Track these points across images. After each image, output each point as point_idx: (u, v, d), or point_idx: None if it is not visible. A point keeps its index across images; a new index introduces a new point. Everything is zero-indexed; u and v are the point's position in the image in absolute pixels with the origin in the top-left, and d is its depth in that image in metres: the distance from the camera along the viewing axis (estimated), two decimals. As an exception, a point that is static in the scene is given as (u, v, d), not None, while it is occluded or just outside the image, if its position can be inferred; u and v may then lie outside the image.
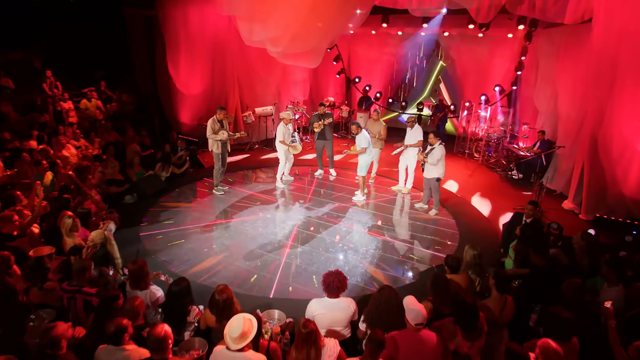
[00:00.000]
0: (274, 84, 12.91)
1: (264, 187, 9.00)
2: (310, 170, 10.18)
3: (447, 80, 13.82)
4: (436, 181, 7.66)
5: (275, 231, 7.06)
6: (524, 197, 9.07)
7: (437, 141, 7.49)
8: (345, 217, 7.71)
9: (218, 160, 8.41)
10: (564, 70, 9.27)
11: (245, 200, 8.28)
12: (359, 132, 8.05)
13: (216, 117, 8.22)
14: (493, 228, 7.49)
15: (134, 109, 12.80)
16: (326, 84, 14.52)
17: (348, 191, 8.92)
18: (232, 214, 7.69)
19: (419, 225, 7.51)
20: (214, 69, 11.60)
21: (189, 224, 7.21)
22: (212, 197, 8.43)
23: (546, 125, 10.12)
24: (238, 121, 12.13)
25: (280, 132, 8.66)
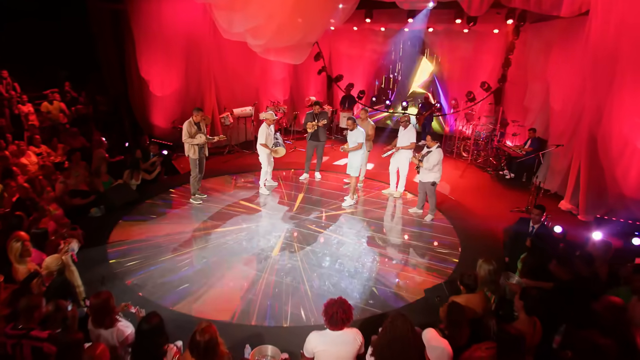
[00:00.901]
0: (252, 84, 12.18)
1: (246, 194, 8.28)
2: (293, 173, 9.51)
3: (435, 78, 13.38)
4: (431, 185, 7.13)
5: (261, 244, 6.36)
6: (518, 197, 8.69)
7: (435, 144, 6.96)
8: (336, 225, 7.08)
9: (195, 166, 7.65)
10: (556, 66, 8.91)
11: (226, 209, 7.54)
12: (354, 127, 7.44)
13: (192, 119, 7.46)
14: (493, 232, 7.00)
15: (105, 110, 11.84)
16: (307, 83, 13.85)
17: (336, 196, 8.30)
18: (212, 225, 6.94)
19: (415, 232, 6.95)
20: (189, 68, 10.79)
21: (164, 239, 6.43)
22: (189, 207, 7.65)
23: (536, 123, 9.76)
24: (215, 123, 11.35)
25: (263, 134, 7.96)
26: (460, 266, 5.88)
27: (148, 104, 10.93)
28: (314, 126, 8.55)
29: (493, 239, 6.77)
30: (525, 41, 10.32)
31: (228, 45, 11.10)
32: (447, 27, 11.70)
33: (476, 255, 6.20)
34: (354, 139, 7.48)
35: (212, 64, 11.02)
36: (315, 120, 8.58)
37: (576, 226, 7.20)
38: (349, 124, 7.43)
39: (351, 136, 7.52)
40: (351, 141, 7.51)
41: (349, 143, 7.53)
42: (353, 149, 7.49)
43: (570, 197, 8.02)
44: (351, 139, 7.52)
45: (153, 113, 11.00)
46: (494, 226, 7.25)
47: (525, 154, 9.39)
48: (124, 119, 11.33)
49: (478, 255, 6.20)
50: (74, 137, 9.72)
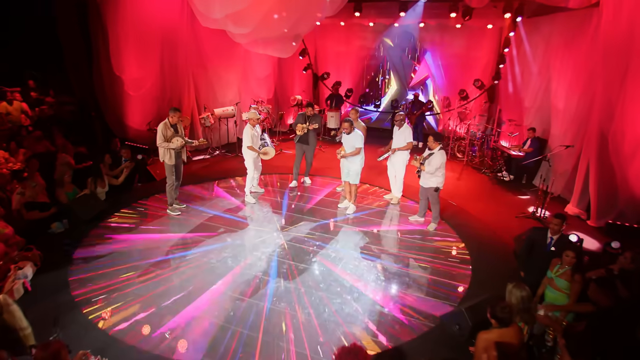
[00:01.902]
0: (234, 82, 11.31)
1: (230, 203, 7.44)
2: (279, 180, 8.72)
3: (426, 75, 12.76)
4: (434, 192, 6.45)
5: (249, 263, 5.55)
6: (521, 201, 8.13)
7: (437, 145, 6.28)
8: (331, 238, 6.33)
9: (171, 173, 6.78)
10: (558, 62, 8.38)
11: (208, 222, 6.70)
12: (351, 130, 6.70)
13: (168, 120, 6.60)
14: (502, 242, 6.38)
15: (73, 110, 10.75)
16: (291, 81, 13.04)
17: (329, 203, 7.55)
18: (192, 241, 6.09)
19: (419, 243, 6.26)
20: (164, 63, 9.85)
21: (137, 259, 5.55)
22: (165, 219, 6.78)
23: (535, 122, 9.23)
24: (195, 124, 10.45)
25: (248, 135, 7.14)
26: (473, 285, 5.21)
27: (121, 104, 9.93)
28: (303, 129, 7.77)
29: (503, 250, 6.15)
30: (522, 36, 9.77)
31: (207, 39, 10.23)
32: (439, 23, 11.09)
33: (489, 269, 5.60)
34: (352, 142, 6.74)
35: (190, 60, 10.12)
36: (307, 123, 7.80)
37: (588, 233, 6.66)
38: (346, 126, 6.68)
39: (348, 140, 6.77)
40: (348, 145, 6.76)
41: (346, 147, 6.78)
42: (351, 154, 6.76)
43: (577, 200, 7.48)
44: (348, 143, 6.77)
45: (126, 113, 10.00)
46: (501, 234, 6.65)
47: (525, 155, 8.84)
48: (94, 120, 10.30)
49: (491, 270, 5.66)
50: (38, 141, 8.65)
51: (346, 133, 6.74)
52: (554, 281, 4.52)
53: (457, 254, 5.98)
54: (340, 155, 6.76)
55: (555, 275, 4.53)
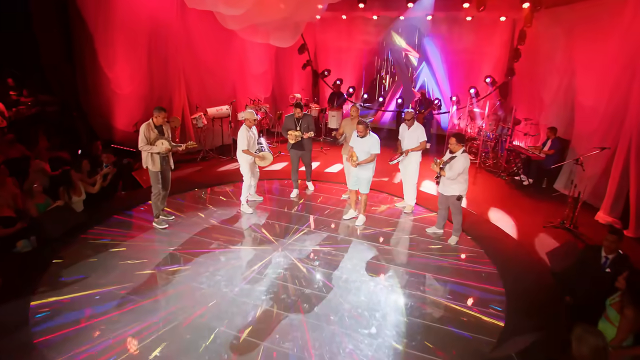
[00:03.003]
0: (229, 79, 10.46)
1: (225, 214, 6.59)
2: (279, 186, 7.88)
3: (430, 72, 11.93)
4: (457, 200, 5.63)
5: (246, 289, 4.69)
6: (544, 208, 7.34)
7: (460, 148, 5.46)
8: (340, 254, 5.49)
9: (157, 181, 5.92)
10: (582, 55, 7.57)
11: (199, 236, 5.84)
12: (366, 133, 5.86)
13: (152, 121, 5.75)
14: (533, 258, 5.57)
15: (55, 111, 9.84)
16: (290, 79, 12.21)
17: (335, 213, 6.71)
18: (180, 261, 5.23)
19: (440, 261, 5.43)
20: (152, 60, 9.01)
21: (114, 283, 4.69)
22: (151, 233, 5.91)
23: (556, 121, 8.42)
24: (186, 125, 9.59)
25: (243, 138, 6.29)
26: (511, 314, 4.39)
27: (105, 103, 9.05)
28: (296, 137, 6.84)
29: (536, 267, 5.34)
30: (539, 29, 8.97)
31: (200, 33, 9.39)
32: (449, 15, 10.29)
33: (523, 292, 4.78)
34: (367, 148, 5.87)
35: (181, 56, 9.28)
36: (297, 126, 6.90)
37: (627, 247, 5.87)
38: (360, 129, 5.81)
39: (362, 144, 5.89)
40: (362, 150, 5.89)
41: (358, 153, 5.90)
42: (366, 161, 5.92)
43: (609, 208, 6.69)
44: (362, 147, 5.89)
45: (111, 114, 9.12)
46: (530, 248, 5.85)
47: (546, 158, 8.06)
48: (77, 121, 9.40)
49: (526, 293, 4.78)
50: (10, 145, 7.76)
51: (360, 136, 5.89)
52: (607, 310, 3.73)
53: (486, 275, 5.15)
54: (354, 162, 5.88)
55: (610, 302, 3.75)
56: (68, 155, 7.77)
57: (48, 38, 9.18)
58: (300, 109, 6.86)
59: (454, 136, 5.45)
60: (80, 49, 8.82)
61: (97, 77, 8.80)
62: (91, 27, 8.28)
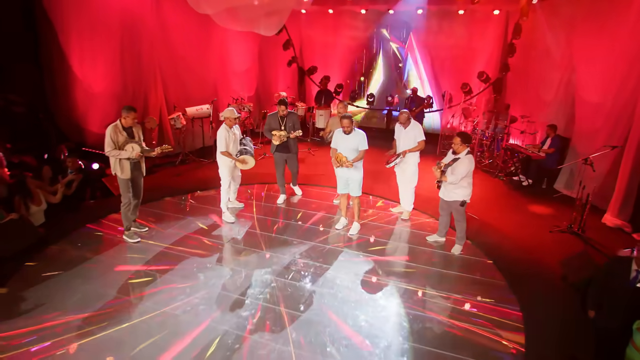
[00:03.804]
0: (209, 77, 9.76)
1: (204, 223, 5.93)
2: (265, 191, 7.25)
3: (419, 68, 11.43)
4: (460, 206, 5.09)
5: (227, 314, 4.06)
6: (547, 211, 6.89)
7: (464, 149, 4.92)
8: (334, 269, 4.89)
9: (127, 189, 5.23)
10: (585, 50, 7.12)
11: (175, 250, 5.17)
12: (352, 129, 5.28)
13: (120, 122, 5.07)
14: (544, 267, 5.07)
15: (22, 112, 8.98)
16: (275, 76, 11.56)
17: (325, 220, 6.12)
18: (152, 280, 4.56)
19: (446, 274, 4.88)
20: (125, 56, 8.24)
21: (73, 311, 4.00)
22: (120, 249, 5.22)
23: (555, 118, 7.99)
24: (164, 126, 8.86)
25: (222, 138, 5.63)
26: (532, 334, 3.86)
27: (75, 103, 8.26)
28: (281, 137, 6.23)
29: (550, 277, 4.84)
30: (536, 22, 8.53)
31: (176, 27, 8.69)
32: (440, 8, 9.79)
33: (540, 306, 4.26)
34: (354, 145, 5.32)
35: (157, 51, 8.55)
36: (282, 125, 6.28)
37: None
38: (346, 124, 5.23)
39: (348, 141, 5.33)
40: (348, 148, 5.32)
41: (346, 152, 5.32)
42: (357, 159, 5.35)
43: (618, 210, 6.26)
44: (348, 145, 5.33)
45: (82, 115, 8.34)
46: (539, 255, 5.35)
47: (547, 157, 7.63)
48: (43, 123, 8.57)
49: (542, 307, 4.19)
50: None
51: (346, 133, 5.31)
52: (634, 335, 3.28)
53: (497, 290, 4.61)
54: (347, 163, 5.26)
55: (637, 326, 3.29)
56: (34, 161, 7.00)
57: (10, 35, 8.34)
58: (285, 106, 6.24)
59: (459, 135, 4.90)
60: (47, 45, 8.02)
61: (65, 75, 8.02)
62: (57, 21, 7.51)
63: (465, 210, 5.15)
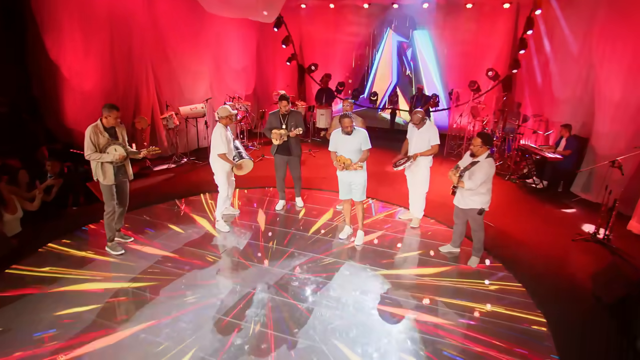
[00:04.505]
0: (204, 74, 9.23)
1: (196, 232, 5.40)
2: (262, 196, 6.73)
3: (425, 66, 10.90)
4: (478, 214, 4.57)
5: (219, 343, 3.54)
6: (567, 216, 6.39)
7: (485, 151, 4.40)
8: (335, 284, 4.37)
9: (110, 196, 4.71)
10: (607, 44, 6.58)
11: (163, 265, 4.65)
12: (351, 128, 4.76)
13: (101, 122, 4.56)
14: (574, 283, 4.55)
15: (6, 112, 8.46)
16: (274, 74, 11.03)
17: (326, 228, 5.60)
18: (134, 301, 4.04)
19: (459, 289, 4.36)
20: (115, 53, 7.72)
21: (37, 343, 3.49)
22: (101, 263, 4.69)
23: (572, 118, 7.46)
24: (157, 126, 8.35)
25: (218, 139, 5.09)
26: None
27: (62, 102, 7.73)
28: (281, 136, 5.70)
29: (580, 295, 4.32)
30: (550, 15, 8.00)
31: (169, 22, 8.17)
32: (447, 2, 9.26)
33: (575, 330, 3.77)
34: (357, 145, 4.81)
35: (148, 47, 8.03)
36: (283, 124, 5.76)
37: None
38: (347, 123, 4.71)
39: (350, 142, 4.81)
40: (351, 150, 4.80)
41: (348, 154, 4.80)
42: (362, 159, 4.84)
43: (644, 216, 5.74)
44: (350, 146, 4.81)
45: (71, 115, 7.82)
46: (567, 269, 4.83)
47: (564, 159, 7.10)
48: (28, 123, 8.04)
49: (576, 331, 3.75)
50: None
51: (347, 133, 4.78)
52: None
53: (521, 305, 4.10)
54: (353, 166, 4.73)
55: None
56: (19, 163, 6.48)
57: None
58: (287, 102, 5.71)
59: (479, 136, 4.37)
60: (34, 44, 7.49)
61: (52, 74, 7.50)
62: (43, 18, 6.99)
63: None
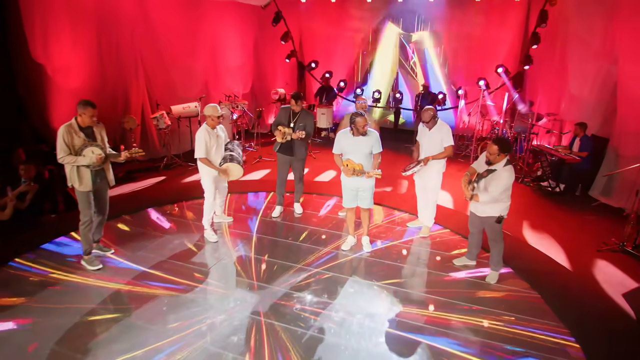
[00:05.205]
0: (199, 72, 8.74)
1: (184, 243, 4.89)
2: (258, 201, 6.22)
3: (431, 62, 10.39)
4: (497, 222, 4.06)
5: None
6: (589, 222, 5.88)
7: (504, 159, 3.88)
8: (338, 304, 3.85)
9: (87, 204, 4.22)
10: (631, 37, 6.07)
11: (143, 281, 4.14)
12: (366, 129, 4.25)
13: (75, 121, 4.06)
14: (607, 301, 4.03)
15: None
16: (272, 72, 10.53)
17: (329, 237, 5.08)
18: (108, 326, 3.54)
19: (477, 309, 3.85)
20: (102, 49, 7.23)
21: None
22: (77, 279, 4.18)
23: (588, 116, 6.94)
24: (148, 126, 7.86)
25: (201, 141, 4.59)
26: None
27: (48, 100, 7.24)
28: (285, 136, 5.23)
29: (614, 314, 3.80)
30: (565, 7, 7.49)
31: (161, 16, 7.67)
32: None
33: None
34: (368, 148, 4.30)
35: (139, 42, 7.54)
36: (292, 122, 5.27)
37: None
38: (361, 122, 4.20)
39: (361, 145, 4.30)
40: (362, 153, 4.30)
41: (358, 158, 4.29)
42: (376, 164, 4.37)
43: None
44: (361, 149, 4.30)
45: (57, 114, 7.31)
46: (596, 286, 4.31)
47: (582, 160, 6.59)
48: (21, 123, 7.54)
49: None
50: None
51: (360, 134, 4.26)
52: None
53: (550, 331, 3.58)
54: (370, 173, 4.21)
55: None
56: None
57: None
58: (300, 101, 5.21)
59: (496, 143, 3.82)
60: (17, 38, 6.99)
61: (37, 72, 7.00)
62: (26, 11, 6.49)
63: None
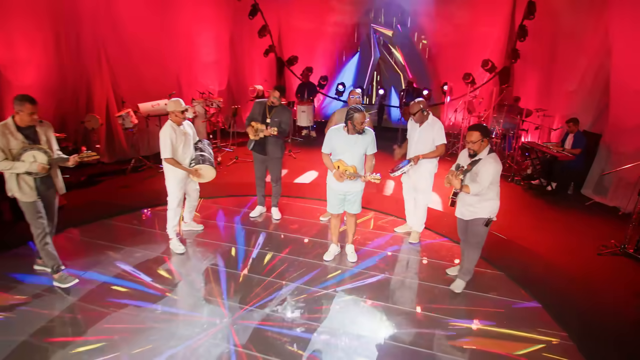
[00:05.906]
0: (171, 68, 8.14)
1: (147, 254, 4.36)
2: (234, 205, 5.71)
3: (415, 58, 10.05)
4: (485, 225, 3.64)
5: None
6: (586, 223, 5.58)
7: (486, 146, 3.49)
8: (323, 325, 3.40)
9: (35, 215, 3.62)
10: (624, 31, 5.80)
11: (97, 302, 3.60)
12: (363, 126, 3.76)
13: (12, 121, 3.48)
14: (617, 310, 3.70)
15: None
16: (250, 68, 9.97)
17: (312, 246, 4.63)
18: (54, 352, 3.00)
19: (479, 328, 3.45)
20: (60, 42, 6.62)
21: None
22: (24, 299, 3.62)
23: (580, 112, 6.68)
24: (114, 126, 7.25)
25: (166, 140, 4.07)
26: None
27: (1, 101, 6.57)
28: (257, 133, 4.75)
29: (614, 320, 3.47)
30: (552, 0, 7.23)
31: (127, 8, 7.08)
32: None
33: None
34: (362, 149, 3.86)
35: (102, 35, 6.93)
36: (267, 117, 4.78)
37: None
38: (359, 119, 3.67)
39: (357, 145, 3.84)
40: (357, 153, 3.86)
41: (352, 160, 3.84)
42: (371, 167, 3.94)
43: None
44: (357, 149, 3.85)
45: (6, 113, 6.65)
46: (600, 292, 3.97)
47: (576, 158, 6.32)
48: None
49: None
50: None
51: (357, 132, 3.79)
52: None
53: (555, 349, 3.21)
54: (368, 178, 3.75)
55: None
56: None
57: None
58: (280, 94, 4.71)
59: (475, 129, 3.43)
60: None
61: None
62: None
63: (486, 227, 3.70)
